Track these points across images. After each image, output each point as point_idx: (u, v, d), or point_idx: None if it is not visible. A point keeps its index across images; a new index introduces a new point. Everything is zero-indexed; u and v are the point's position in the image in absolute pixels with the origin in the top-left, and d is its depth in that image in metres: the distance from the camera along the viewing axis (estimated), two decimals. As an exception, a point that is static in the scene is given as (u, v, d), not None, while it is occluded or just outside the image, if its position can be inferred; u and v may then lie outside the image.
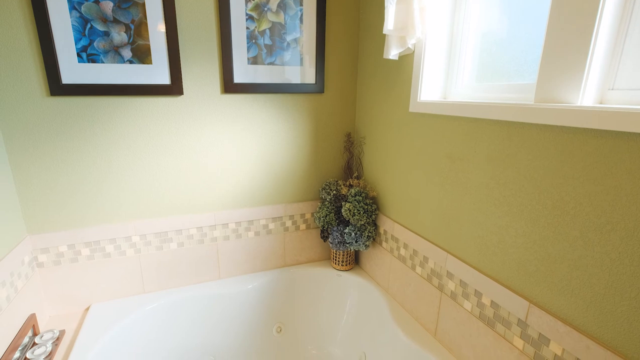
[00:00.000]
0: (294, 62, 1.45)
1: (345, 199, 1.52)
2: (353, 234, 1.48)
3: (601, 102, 0.76)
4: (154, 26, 1.22)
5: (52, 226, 1.28)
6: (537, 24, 0.91)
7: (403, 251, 1.36)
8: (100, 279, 1.38)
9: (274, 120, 1.49)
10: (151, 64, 1.25)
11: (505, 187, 0.91)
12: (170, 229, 1.43)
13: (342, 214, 1.50)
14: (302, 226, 1.67)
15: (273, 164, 1.54)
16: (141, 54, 1.23)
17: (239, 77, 1.38)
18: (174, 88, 1.29)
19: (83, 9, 1.14)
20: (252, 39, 1.36)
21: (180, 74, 1.29)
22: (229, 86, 1.37)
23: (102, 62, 1.20)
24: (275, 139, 1.51)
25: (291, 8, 1.39)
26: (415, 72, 1.18)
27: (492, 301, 0.98)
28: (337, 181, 1.61)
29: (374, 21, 1.41)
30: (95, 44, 1.18)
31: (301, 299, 1.66)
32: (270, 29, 1.38)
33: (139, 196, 1.36)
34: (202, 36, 1.30)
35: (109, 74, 1.21)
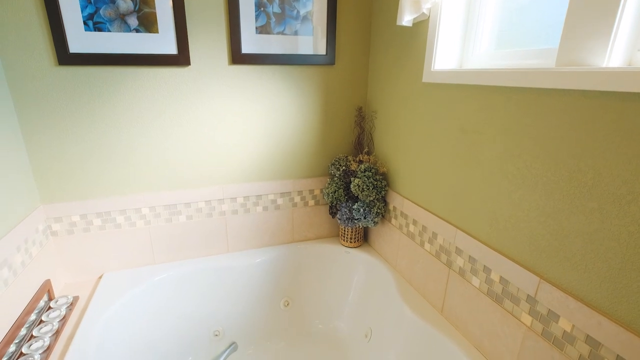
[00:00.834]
0: (303, 31, 1.40)
1: (354, 174, 1.50)
2: (362, 209, 1.45)
3: (630, 64, 0.70)
4: (160, -7, 1.20)
5: (65, 196, 1.30)
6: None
7: (412, 228, 1.34)
8: (112, 248, 1.41)
9: (283, 93, 1.46)
10: (158, 32, 1.23)
11: (520, 159, 0.87)
12: (178, 201, 1.44)
13: (351, 189, 1.48)
14: (311, 202, 1.66)
15: (282, 138, 1.52)
16: (147, 22, 1.21)
17: (247, 47, 1.35)
18: (181, 58, 1.27)
19: (88, -26, 1.12)
20: (260, 6, 1.32)
21: (187, 43, 1.26)
22: (236, 57, 1.34)
23: (109, 30, 1.18)
24: (284, 112, 1.49)
25: (301, -26, 1.33)
26: (430, 39, 1.13)
27: (501, 277, 0.95)
28: (346, 157, 1.58)
29: (387, -12, 1.35)
30: (101, 11, 1.16)
31: (309, 274, 1.66)
32: (279, -3, 1.33)
33: (148, 168, 1.37)
34: (209, 3, 1.27)
35: (115, 43, 1.20)
